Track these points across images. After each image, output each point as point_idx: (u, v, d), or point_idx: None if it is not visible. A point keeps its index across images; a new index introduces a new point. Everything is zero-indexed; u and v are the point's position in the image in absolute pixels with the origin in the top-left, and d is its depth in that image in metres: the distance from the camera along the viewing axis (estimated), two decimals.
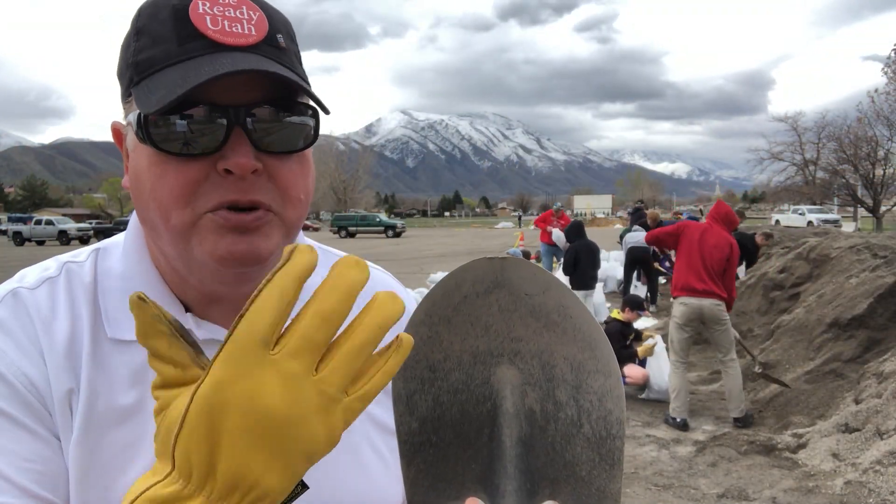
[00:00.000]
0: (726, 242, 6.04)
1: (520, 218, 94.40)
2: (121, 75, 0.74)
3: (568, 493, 0.62)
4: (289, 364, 0.48)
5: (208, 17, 0.69)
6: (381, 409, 0.87)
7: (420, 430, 0.63)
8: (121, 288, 0.78)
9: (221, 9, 0.70)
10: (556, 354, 0.62)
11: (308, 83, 0.75)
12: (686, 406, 6.04)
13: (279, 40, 0.73)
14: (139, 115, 0.68)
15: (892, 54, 28.76)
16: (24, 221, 51.48)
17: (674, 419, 5.99)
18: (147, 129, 0.68)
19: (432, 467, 0.63)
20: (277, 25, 0.74)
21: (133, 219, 0.82)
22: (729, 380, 6.02)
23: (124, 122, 0.76)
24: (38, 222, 43.57)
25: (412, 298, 1.01)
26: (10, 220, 63.96)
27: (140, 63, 0.70)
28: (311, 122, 0.74)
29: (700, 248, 6.01)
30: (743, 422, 5.96)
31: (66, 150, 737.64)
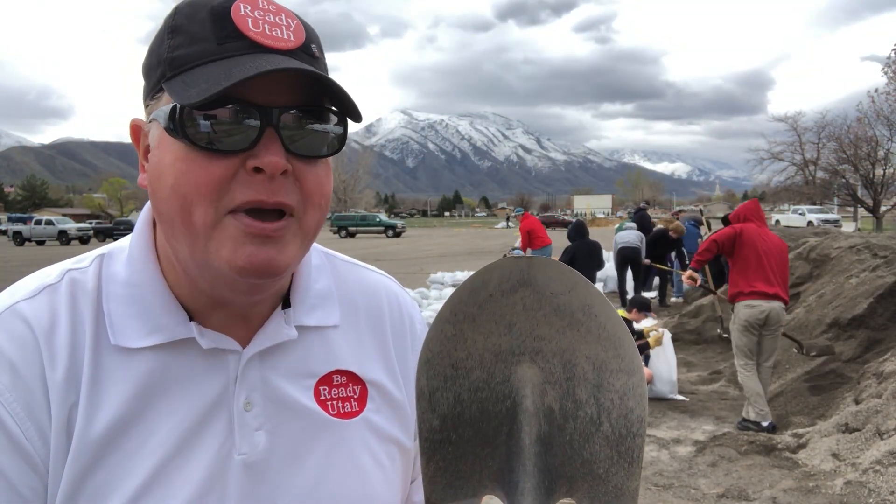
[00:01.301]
0: (783, 246, 6.01)
1: (508, 218, 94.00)
2: (149, 71, 0.75)
3: (585, 490, 0.62)
4: None
5: (250, 20, 0.71)
6: (382, 418, 0.87)
7: (441, 428, 0.63)
8: (125, 294, 0.77)
9: (262, 13, 0.72)
10: (578, 353, 0.63)
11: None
12: (767, 406, 5.93)
13: (314, 50, 0.75)
14: (173, 108, 0.69)
15: (893, 54, 28.76)
16: (24, 221, 51.47)
17: (763, 423, 5.81)
18: (182, 122, 0.68)
19: (451, 465, 0.63)
20: (312, 37, 0.75)
21: (140, 223, 0.82)
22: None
23: (146, 119, 0.76)
24: (38, 222, 43.53)
25: (413, 300, 1.01)
26: (10, 220, 63.95)
27: (175, 59, 0.71)
28: (339, 130, 0.75)
29: (763, 250, 5.93)
30: (744, 425, 5.95)
31: (66, 150, 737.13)
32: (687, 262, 13.17)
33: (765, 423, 5.82)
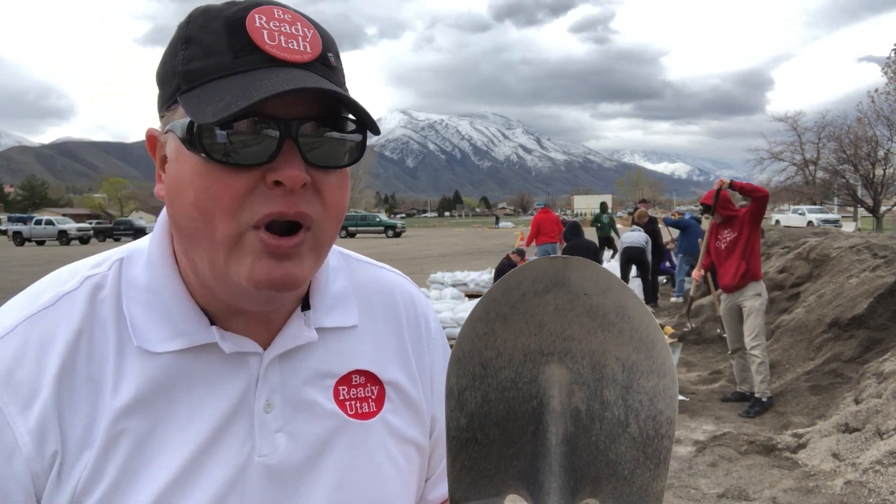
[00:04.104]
0: None
1: (497, 219, 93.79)
2: (164, 82, 0.74)
3: (609, 491, 0.62)
4: None
5: (265, 32, 0.69)
6: (400, 419, 0.87)
7: (468, 427, 0.63)
8: (146, 300, 0.77)
9: (278, 24, 0.70)
10: (608, 354, 0.63)
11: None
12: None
13: (330, 59, 0.73)
14: (190, 123, 0.68)
15: (892, 54, 28.77)
16: (24, 221, 51.43)
17: (765, 399, 6.17)
18: (199, 137, 0.68)
19: (476, 464, 0.64)
20: (329, 44, 0.74)
21: (158, 227, 0.82)
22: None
23: (162, 130, 0.75)
24: (38, 222, 43.51)
25: (426, 300, 1.01)
26: (10, 220, 63.90)
27: (190, 72, 0.69)
28: (358, 139, 0.74)
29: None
30: (738, 395, 6.29)
31: (66, 150, 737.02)
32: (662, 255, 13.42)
33: (765, 399, 6.17)
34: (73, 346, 0.73)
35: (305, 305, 0.84)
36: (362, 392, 0.85)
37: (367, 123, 0.73)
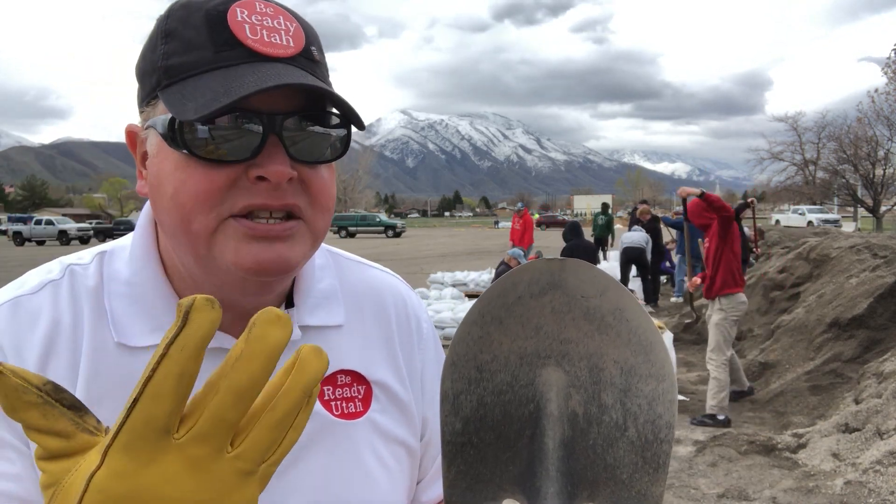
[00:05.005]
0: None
1: (496, 223, 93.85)
2: (143, 77, 0.73)
3: (607, 495, 0.62)
4: (196, 449, 0.44)
5: (247, 26, 0.68)
6: (388, 419, 0.86)
7: (463, 431, 0.63)
8: (127, 294, 0.77)
9: (259, 18, 0.69)
10: (606, 357, 0.62)
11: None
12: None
13: (314, 53, 0.73)
14: (171, 119, 0.67)
15: (893, 54, 28.78)
16: (24, 221, 51.42)
17: (720, 417, 5.97)
18: (181, 133, 0.67)
19: (471, 468, 0.63)
20: (311, 38, 0.73)
21: (141, 222, 0.81)
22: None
23: (142, 125, 0.75)
24: (38, 222, 43.55)
25: (419, 299, 1.00)
26: (10, 220, 63.87)
27: (171, 67, 0.69)
28: (342, 133, 0.74)
29: (737, 239, 6.16)
30: (701, 420, 6.02)
31: (66, 150, 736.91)
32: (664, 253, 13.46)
33: (721, 417, 5.97)
34: (54, 331, 0.73)
35: (289, 304, 0.83)
36: (348, 392, 0.84)
37: (351, 118, 0.72)
